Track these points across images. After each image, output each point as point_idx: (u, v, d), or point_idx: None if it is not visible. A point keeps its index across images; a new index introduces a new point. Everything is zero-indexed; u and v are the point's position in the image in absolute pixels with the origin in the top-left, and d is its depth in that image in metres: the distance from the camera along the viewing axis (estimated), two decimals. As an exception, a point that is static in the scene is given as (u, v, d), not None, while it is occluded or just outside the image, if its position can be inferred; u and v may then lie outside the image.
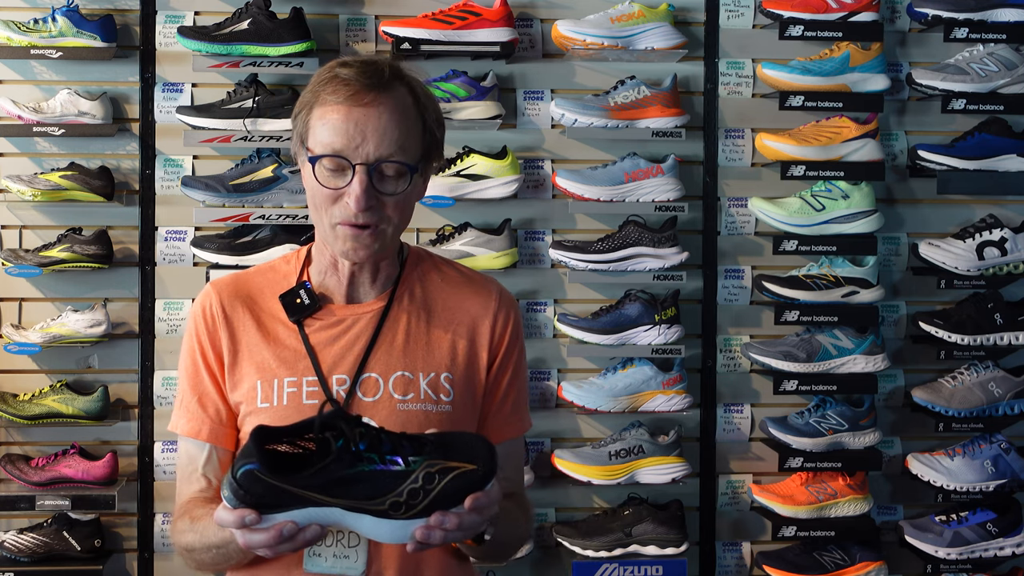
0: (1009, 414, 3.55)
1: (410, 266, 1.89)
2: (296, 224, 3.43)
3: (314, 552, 1.70)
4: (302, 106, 1.78)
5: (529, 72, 3.63)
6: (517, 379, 1.92)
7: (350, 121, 1.70)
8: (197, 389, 1.84)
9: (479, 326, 1.87)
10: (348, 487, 1.48)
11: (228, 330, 1.82)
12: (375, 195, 1.72)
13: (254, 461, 1.48)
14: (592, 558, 3.45)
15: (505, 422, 1.90)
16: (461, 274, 1.93)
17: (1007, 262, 3.56)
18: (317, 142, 1.73)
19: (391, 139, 1.71)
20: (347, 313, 1.83)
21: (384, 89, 1.73)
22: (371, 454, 1.50)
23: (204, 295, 1.87)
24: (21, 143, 3.53)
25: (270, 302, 1.84)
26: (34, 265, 3.41)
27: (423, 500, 1.49)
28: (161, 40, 3.54)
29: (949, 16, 3.53)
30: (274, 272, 1.89)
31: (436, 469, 1.50)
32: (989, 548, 3.48)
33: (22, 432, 3.50)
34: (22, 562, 3.37)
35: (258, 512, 1.49)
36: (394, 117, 1.72)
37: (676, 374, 3.51)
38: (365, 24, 3.59)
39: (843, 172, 3.50)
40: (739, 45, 3.67)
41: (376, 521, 1.50)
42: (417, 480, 1.49)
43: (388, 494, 1.49)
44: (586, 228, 3.62)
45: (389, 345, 1.81)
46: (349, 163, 1.71)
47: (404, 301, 1.85)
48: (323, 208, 1.75)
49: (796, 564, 3.49)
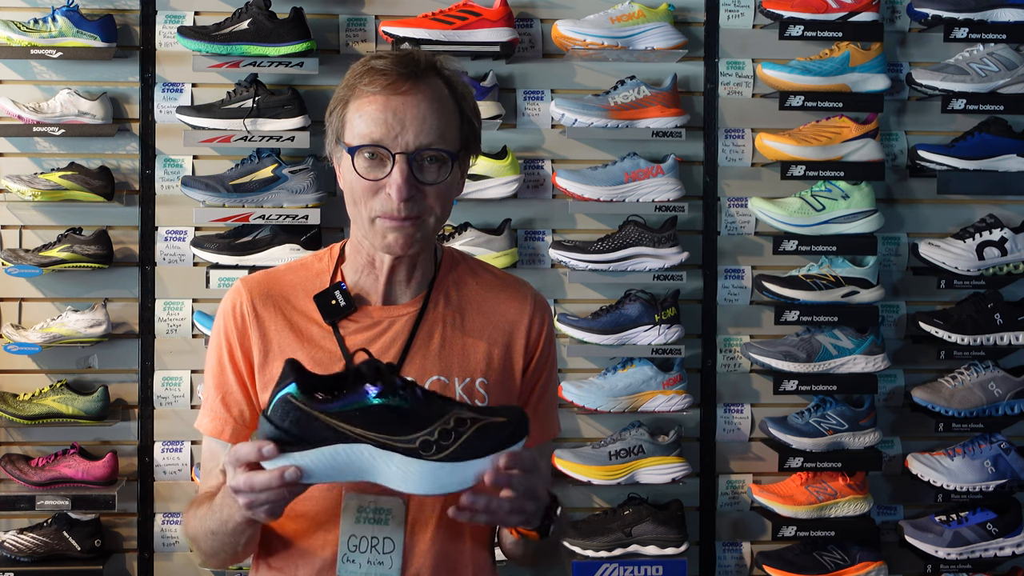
0: (1009, 414, 3.55)
1: (445, 268, 1.87)
2: (296, 224, 3.43)
3: (348, 558, 1.69)
4: (337, 102, 1.75)
5: (529, 72, 3.63)
6: (550, 383, 1.91)
7: (388, 110, 1.68)
8: (222, 388, 1.81)
9: (515, 331, 1.85)
10: (379, 418, 1.47)
11: (259, 329, 1.79)
12: (416, 185, 1.69)
13: (291, 382, 1.47)
14: (592, 558, 3.45)
15: (538, 426, 1.85)
16: (496, 277, 1.91)
17: (1007, 262, 3.56)
18: (355, 134, 1.71)
19: (431, 127, 1.69)
20: (383, 315, 1.80)
21: (421, 78, 1.71)
22: (405, 394, 1.50)
23: (234, 293, 1.83)
24: (21, 143, 3.53)
25: (303, 301, 1.81)
26: (34, 265, 3.41)
27: (455, 442, 1.48)
28: (161, 40, 3.54)
29: (949, 16, 3.53)
30: (306, 270, 1.85)
31: (467, 416, 1.50)
32: (989, 548, 3.48)
33: (22, 432, 3.50)
34: (22, 562, 3.37)
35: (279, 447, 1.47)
36: (433, 106, 1.70)
37: (676, 374, 3.51)
38: (365, 24, 3.59)
39: (843, 172, 3.50)
40: (739, 45, 3.67)
41: (405, 462, 1.48)
42: (448, 422, 1.49)
43: (420, 431, 1.48)
44: (586, 228, 3.62)
45: (425, 349, 1.78)
46: (389, 152, 1.68)
47: (440, 304, 1.83)
48: (362, 202, 1.72)
49: (796, 564, 3.49)
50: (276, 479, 1.48)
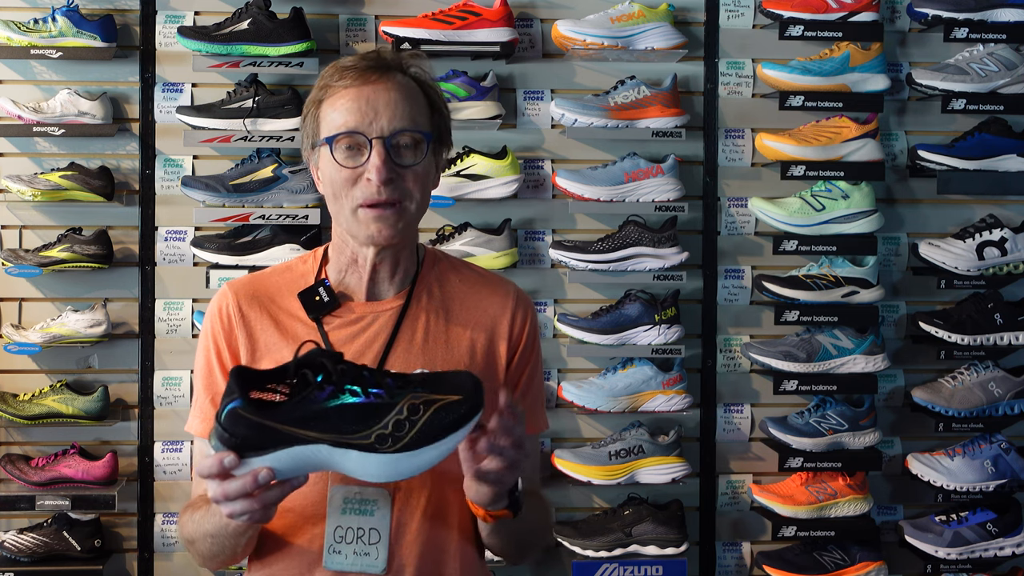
0: (1009, 414, 3.55)
1: (428, 265, 1.90)
2: (296, 224, 3.43)
3: (335, 549, 1.70)
4: (310, 105, 1.81)
5: (529, 72, 3.63)
6: (535, 378, 1.93)
7: (361, 99, 1.75)
8: (211, 390, 1.84)
9: (498, 326, 1.87)
10: (331, 420, 1.46)
11: (246, 329, 1.82)
12: (395, 168, 1.74)
13: (236, 398, 1.46)
14: (592, 558, 3.45)
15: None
16: (478, 275, 1.94)
17: (1007, 262, 3.56)
18: (331, 127, 1.76)
19: (403, 111, 1.75)
20: (367, 311, 1.83)
21: (388, 70, 1.78)
22: (354, 387, 1.48)
23: (220, 295, 1.87)
24: (21, 143, 3.53)
25: (288, 301, 1.84)
26: (34, 265, 3.41)
27: (409, 432, 1.47)
28: (161, 40, 3.54)
29: (949, 16, 3.53)
30: (291, 272, 1.90)
31: (420, 401, 1.48)
32: (989, 548, 3.48)
33: (22, 432, 3.50)
34: (22, 562, 3.37)
35: (238, 455, 1.46)
36: (403, 92, 1.77)
37: (676, 374, 3.51)
38: (365, 24, 3.59)
39: (843, 172, 3.51)
40: (739, 45, 3.67)
41: (363, 456, 1.47)
42: (402, 412, 1.47)
43: (373, 426, 1.46)
44: (586, 228, 3.62)
45: (408, 343, 1.81)
46: (366, 138, 1.73)
47: (423, 299, 1.86)
48: (343, 193, 1.76)
49: (796, 564, 3.49)
50: (249, 484, 1.48)
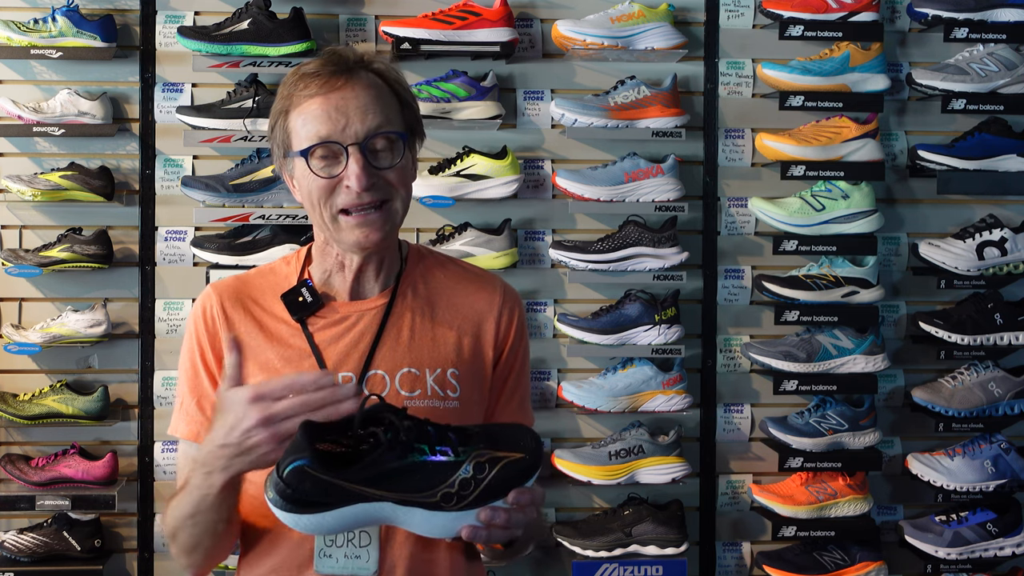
0: (1009, 414, 3.54)
1: (412, 262, 1.89)
2: (296, 224, 3.43)
3: (325, 552, 1.69)
4: (276, 116, 1.78)
5: (529, 72, 3.63)
6: (523, 374, 1.92)
7: (330, 106, 1.71)
8: (196, 392, 1.84)
9: (484, 322, 1.86)
10: (400, 479, 1.46)
11: (229, 331, 1.81)
12: (374, 172, 1.72)
13: (305, 456, 1.44)
14: (592, 558, 3.45)
15: (511, 417, 1.89)
16: (464, 270, 1.93)
17: (1007, 262, 3.56)
18: (303, 138, 1.73)
19: (374, 113, 1.72)
20: (351, 310, 1.82)
21: (353, 72, 1.74)
22: (421, 445, 1.48)
23: (204, 297, 1.86)
24: (21, 143, 3.53)
25: (272, 303, 1.83)
26: (34, 265, 3.41)
27: (474, 490, 1.47)
28: (161, 40, 3.54)
29: (949, 16, 3.53)
30: (274, 274, 1.88)
31: (485, 459, 1.48)
32: (989, 548, 3.48)
33: (22, 432, 3.50)
34: (22, 562, 3.37)
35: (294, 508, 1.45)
36: (371, 92, 1.73)
37: (676, 374, 3.51)
38: (365, 24, 3.59)
39: (843, 172, 3.50)
40: (739, 45, 3.67)
41: (428, 514, 1.48)
42: (468, 470, 1.47)
43: (440, 485, 1.47)
44: (586, 228, 3.62)
45: (394, 341, 1.80)
46: (341, 146, 1.70)
47: (408, 297, 1.84)
48: (323, 202, 1.73)
49: (796, 564, 3.49)
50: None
